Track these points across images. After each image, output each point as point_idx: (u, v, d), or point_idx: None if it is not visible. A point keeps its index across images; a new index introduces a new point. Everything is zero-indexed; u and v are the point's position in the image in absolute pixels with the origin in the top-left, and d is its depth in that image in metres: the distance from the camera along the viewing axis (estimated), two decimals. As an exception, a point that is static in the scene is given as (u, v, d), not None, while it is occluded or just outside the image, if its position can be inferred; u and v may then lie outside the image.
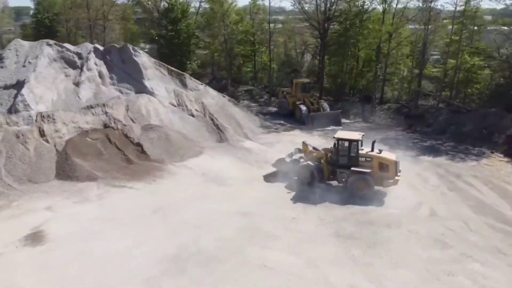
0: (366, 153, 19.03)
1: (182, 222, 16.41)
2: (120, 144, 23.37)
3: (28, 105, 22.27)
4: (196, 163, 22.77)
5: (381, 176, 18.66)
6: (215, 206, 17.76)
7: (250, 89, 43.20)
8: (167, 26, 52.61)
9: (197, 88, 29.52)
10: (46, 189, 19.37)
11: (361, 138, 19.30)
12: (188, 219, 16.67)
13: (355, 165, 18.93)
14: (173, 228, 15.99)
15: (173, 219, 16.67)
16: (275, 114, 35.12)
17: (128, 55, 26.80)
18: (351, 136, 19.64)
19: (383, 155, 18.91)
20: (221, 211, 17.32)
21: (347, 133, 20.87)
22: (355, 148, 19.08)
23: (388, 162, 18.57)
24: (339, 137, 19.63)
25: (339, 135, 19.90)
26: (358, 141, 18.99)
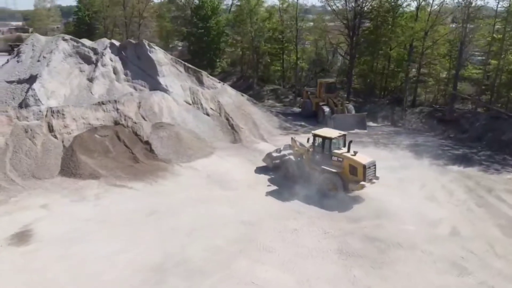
0: (340, 153, 18.21)
1: (174, 228, 15.43)
2: (129, 142, 22.81)
3: (39, 99, 22.15)
4: (203, 164, 21.78)
5: (351, 179, 17.69)
6: (212, 212, 16.66)
7: (276, 88, 41.85)
8: (197, 23, 52.32)
9: (214, 86, 28.57)
10: (47, 186, 19.03)
11: (338, 137, 18.71)
12: (181, 224, 15.67)
13: (327, 163, 18.33)
14: (163, 234, 15.04)
15: (165, 224, 15.73)
16: (298, 115, 33.60)
17: (143, 51, 26.28)
18: (326, 133, 18.96)
19: (353, 157, 17.84)
20: (217, 218, 16.20)
21: (325, 130, 19.93)
22: (328, 146, 18.47)
23: (357, 164, 17.53)
24: (315, 133, 19.18)
25: (316, 131, 19.49)
26: (331, 139, 18.38)
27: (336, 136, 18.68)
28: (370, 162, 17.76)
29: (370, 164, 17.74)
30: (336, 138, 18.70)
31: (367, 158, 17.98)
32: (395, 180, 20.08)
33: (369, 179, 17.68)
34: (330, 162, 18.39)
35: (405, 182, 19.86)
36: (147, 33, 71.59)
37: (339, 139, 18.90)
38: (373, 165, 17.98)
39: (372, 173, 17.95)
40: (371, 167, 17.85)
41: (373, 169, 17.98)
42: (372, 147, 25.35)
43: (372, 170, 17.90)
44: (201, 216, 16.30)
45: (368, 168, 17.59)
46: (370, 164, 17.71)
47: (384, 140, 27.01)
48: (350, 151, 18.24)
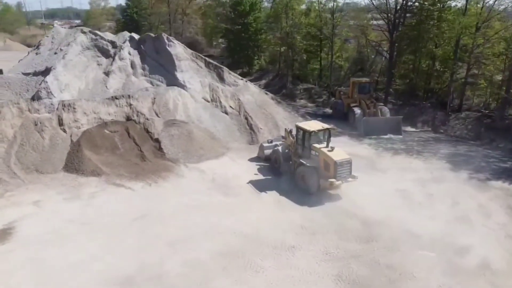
0: (318, 148, 17.45)
1: (158, 236, 14.06)
2: (139, 139, 21.85)
3: (51, 92, 21.76)
4: (211, 166, 20.29)
5: (325, 176, 16.91)
6: (205, 220, 15.09)
7: (310, 87, 39.55)
8: (236, 19, 51.13)
9: (235, 83, 27.02)
10: (47, 181, 18.44)
11: (318, 130, 17.82)
12: (167, 232, 14.27)
13: (306, 156, 17.92)
14: (145, 242, 13.72)
15: (150, 231, 14.41)
16: (329, 117, 31.16)
17: (162, 45, 25.27)
18: (307, 126, 18.16)
19: (328, 152, 17.01)
20: (208, 227, 14.63)
21: (309, 123, 19.19)
22: (307, 139, 17.82)
23: (329, 160, 16.76)
24: (298, 125, 18.63)
25: (299, 123, 18.95)
26: (310, 133, 17.61)
27: (316, 130, 17.76)
28: (343, 159, 16.82)
29: (344, 162, 16.81)
30: (316, 132, 17.79)
31: (342, 155, 17.07)
32: (423, 195, 17.49)
33: (342, 178, 16.81)
34: (309, 156, 17.81)
35: (434, 198, 17.22)
36: (190, 30, 72.10)
37: (319, 133, 17.98)
38: (348, 162, 16.99)
39: (347, 172, 16.98)
40: (345, 165, 16.89)
41: (348, 167, 17.00)
42: (403, 155, 22.63)
43: (346, 168, 16.93)
44: (191, 225, 14.79)
45: (340, 165, 16.67)
46: (343, 162, 16.78)
47: (419, 147, 24.07)
48: (328, 147, 17.38)
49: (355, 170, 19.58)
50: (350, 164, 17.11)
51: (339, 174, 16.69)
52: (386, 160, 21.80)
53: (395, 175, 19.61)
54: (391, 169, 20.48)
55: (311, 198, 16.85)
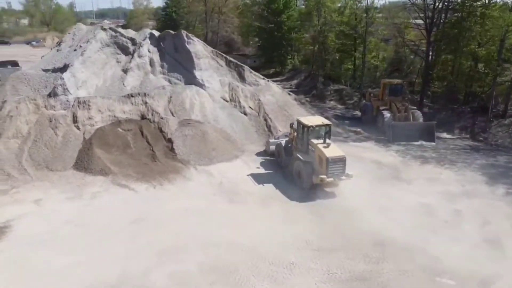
0: (315, 143, 17.11)
1: (149, 243, 13.25)
2: (152, 138, 21.29)
3: (67, 89, 21.66)
4: (222, 169, 19.34)
5: (319, 172, 16.61)
6: (203, 228, 14.13)
7: (341, 88, 37.72)
8: (269, 18, 49.99)
9: (256, 83, 25.93)
10: (54, 179, 18.23)
11: (317, 126, 17.43)
12: (159, 239, 13.44)
13: (304, 151, 17.73)
14: (135, 249, 12.95)
15: (143, 237, 13.64)
16: (358, 120, 29.42)
17: (181, 42, 24.61)
18: (307, 121, 17.94)
19: (323, 148, 16.66)
20: (204, 236, 13.66)
21: (310, 117, 19.26)
22: (306, 134, 17.57)
23: (322, 156, 16.47)
24: (298, 119, 18.44)
25: (300, 118, 18.77)
26: (308, 128, 17.33)
27: (314, 125, 17.43)
28: (336, 156, 16.42)
29: (336, 159, 16.39)
30: (315, 127, 17.43)
31: (335, 152, 16.66)
32: (449, 211, 15.61)
33: (334, 175, 16.41)
34: (307, 151, 17.63)
35: (462, 216, 15.30)
36: (226, 29, 71.79)
37: (319, 128, 17.54)
38: (341, 160, 16.51)
39: (339, 169, 16.53)
40: (338, 162, 16.44)
41: (341, 165, 16.53)
42: (433, 165, 20.60)
43: (339, 166, 16.49)
44: (187, 232, 13.88)
45: (333, 162, 16.28)
46: (336, 159, 16.37)
47: (453, 156, 21.89)
48: (325, 143, 16.99)
49: (375, 179, 18.14)
50: (344, 161, 16.55)
51: (331, 171, 16.30)
52: (413, 170, 19.90)
53: (420, 187, 17.78)
54: (416, 179, 18.62)
55: (322, 212, 15.47)
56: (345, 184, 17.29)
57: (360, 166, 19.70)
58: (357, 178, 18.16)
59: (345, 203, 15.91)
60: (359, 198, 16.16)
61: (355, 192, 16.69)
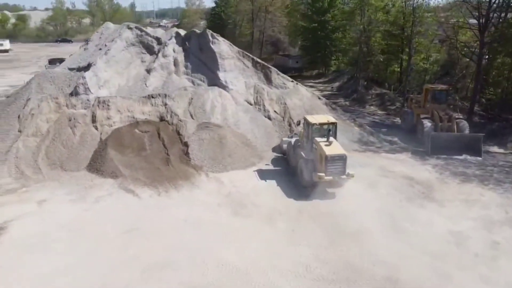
0: (318, 141, 16.83)
1: (137, 256, 12.39)
2: (168, 141, 20.61)
3: (88, 88, 21.55)
4: (234, 177, 18.17)
5: (320, 169, 16.21)
6: (196, 243, 13.04)
7: (383, 93, 35.16)
8: (313, 17, 48.13)
9: (284, 86, 24.46)
10: (65, 179, 18.02)
11: (322, 123, 17.42)
12: (148, 252, 12.55)
13: (308, 149, 17.59)
14: (121, 262, 12.13)
15: (133, 248, 12.80)
16: (397, 128, 27.00)
17: (205, 42, 23.74)
18: (312, 118, 17.90)
19: (324, 146, 16.37)
20: (195, 252, 12.57)
21: (317, 116, 19.06)
22: (310, 132, 17.46)
23: (322, 154, 16.19)
24: (305, 117, 18.42)
25: (307, 115, 18.81)
26: (312, 125, 17.31)
27: (318, 122, 17.46)
28: (336, 154, 16.04)
29: (336, 157, 16.01)
30: (318, 125, 17.43)
31: (336, 150, 16.29)
32: (485, 242, 13.34)
33: (333, 174, 15.98)
34: (310, 149, 17.41)
35: (500, 250, 13.00)
36: (273, 28, 70.59)
37: (323, 126, 17.41)
38: (341, 158, 16.09)
39: (339, 168, 16.10)
40: (337, 161, 16.04)
41: (341, 163, 16.10)
42: (475, 184, 18.03)
43: (338, 164, 16.08)
44: (180, 246, 12.85)
45: (331, 160, 15.91)
46: (335, 157, 15.98)
47: (501, 175, 19.10)
48: (328, 141, 16.66)
49: (402, 198, 16.20)
50: (344, 160, 16.09)
51: (330, 169, 15.93)
52: (449, 189, 17.51)
53: (454, 210, 15.48)
54: (451, 201, 16.28)
55: (332, 233, 13.80)
56: (365, 202, 15.51)
57: (387, 182, 17.78)
58: (380, 195, 16.30)
59: (360, 224, 14.08)
60: (377, 220, 14.32)
61: (374, 212, 14.85)
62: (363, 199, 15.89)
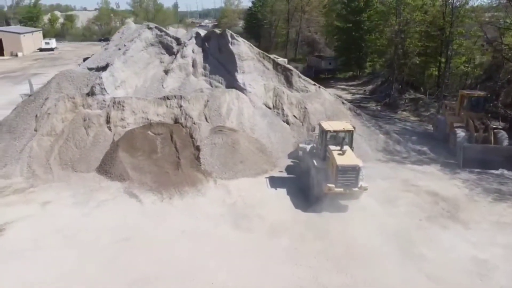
0: (331, 149, 15.74)
1: (124, 269, 11.83)
2: (181, 144, 20.03)
3: (105, 89, 21.38)
4: (243, 185, 17.28)
5: (331, 180, 15.11)
6: (187, 257, 12.26)
7: (418, 97, 32.97)
8: (348, 17, 46.31)
9: (305, 89, 23.25)
10: (74, 181, 17.86)
11: (338, 131, 16.22)
12: (136, 266, 11.94)
13: (321, 157, 16.48)
14: (107, 274, 11.60)
15: (121, 259, 12.25)
16: (429, 136, 25.02)
17: (224, 43, 22.94)
18: (327, 125, 16.72)
19: (336, 155, 15.25)
20: (185, 267, 11.82)
21: (333, 122, 17.70)
22: (324, 139, 16.34)
23: (333, 163, 15.09)
24: (320, 123, 17.24)
25: (322, 122, 17.61)
26: (327, 132, 16.16)
27: (333, 129, 16.23)
28: (347, 164, 14.86)
29: (348, 167, 14.84)
30: (333, 132, 16.20)
31: (349, 160, 15.09)
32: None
33: (344, 185, 14.79)
34: (324, 157, 16.27)
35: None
36: (310, 28, 69.04)
37: (339, 134, 16.26)
38: (353, 169, 14.87)
39: (351, 180, 14.87)
40: (349, 172, 14.85)
41: (353, 174, 14.88)
42: (510, 203, 16.07)
43: (350, 176, 14.88)
44: (170, 260, 12.13)
45: (343, 171, 14.78)
46: (347, 167, 14.83)
47: (542, 194, 17.01)
48: (342, 149, 15.56)
49: (422, 217, 14.60)
50: (357, 171, 14.84)
51: (341, 180, 14.77)
52: (479, 208, 15.71)
53: (482, 234, 13.77)
54: (479, 223, 14.54)
55: (338, 254, 12.59)
56: (379, 220, 14.16)
57: (408, 198, 16.24)
58: (398, 213, 14.86)
59: (370, 246, 12.77)
60: (390, 242, 12.95)
61: (388, 232, 13.47)
62: (377, 217, 14.51)
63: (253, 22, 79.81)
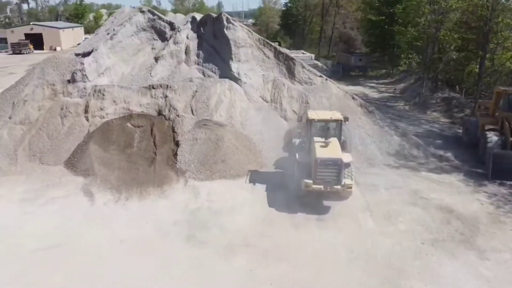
0: (315, 141, 13.69)
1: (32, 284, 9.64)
2: (160, 138, 17.91)
3: (86, 75, 19.63)
4: (216, 189, 14.80)
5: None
6: (106, 277, 9.93)
7: (452, 97, 28.92)
8: (381, 9, 42.50)
9: (309, 81, 20.32)
10: (35, 174, 16.16)
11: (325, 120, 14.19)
12: (44, 281, 9.73)
13: (306, 150, 14.47)
14: None
15: (35, 273, 10.20)
16: (457, 141, 21.34)
17: (220, 27, 20.53)
18: (313, 113, 14.77)
19: (318, 147, 13.26)
20: None
21: (321, 111, 15.48)
22: (309, 129, 14.43)
23: (313, 156, 13.11)
24: (306, 112, 15.55)
25: (310, 110, 15.92)
26: (312, 121, 14.23)
27: (318, 118, 14.20)
28: (328, 158, 12.88)
29: (328, 161, 12.88)
30: (319, 121, 14.20)
31: (331, 153, 13.03)
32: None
33: (324, 182, 12.85)
34: (309, 150, 14.17)
35: None
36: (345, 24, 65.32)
37: (326, 124, 14.20)
38: (335, 164, 12.86)
39: (332, 176, 12.90)
40: (330, 166, 12.86)
41: (334, 170, 12.87)
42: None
43: (331, 171, 12.88)
44: (93, 278, 9.95)
45: (322, 165, 12.84)
46: (327, 161, 12.87)
47: None
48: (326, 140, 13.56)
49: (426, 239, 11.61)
50: (339, 166, 12.80)
51: (320, 176, 12.83)
52: (503, 232, 12.25)
53: (501, 268, 10.44)
54: (501, 252, 11.17)
55: (303, 282, 9.80)
56: (369, 240, 11.25)
57: (414, 213, 13.18)
58: (396, 233, 11.86)
59: (346, 275, 9.88)
60: (375, 270, 9.99)
61: (376, 257, 10.50)
62: (368, 235, 11.60)
63: (288, 19, 77.54)
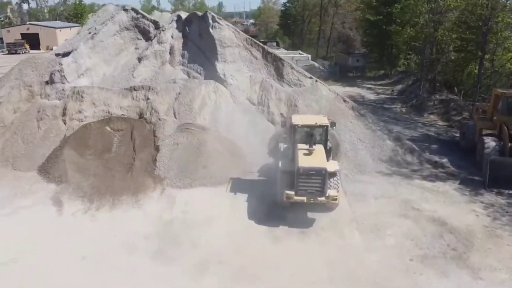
0: (299, 148, 12.79)
1: None
2: (140, 143, 17.04)
3: (64, 76, 18.80)
4: (194, 197, 13.92)
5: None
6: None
7: (450, 99, 27.94)
8: (379, 8, 41.59)
9: (299, 83, 19.39)
10: (6, 181, 15.31)
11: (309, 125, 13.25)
12: None
13: (290, 158, 13.34)
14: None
15: None
16: (454, 145, 20.38)
17: (206, 26, 19.63)
18: (297, 118, 13.71)
19: (301, 155, 12.42)
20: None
21: (306, 116, 14.51)
22: (292, 135, 13.45)
23: (295, 165, 12.16)
24: (291, 116, 14.26)
25: (294, 115, 14.48)
26: (295, 127, 13.22)
27: (302, 124, 13.27)
28: (310, 167, 11.96)
29: (311, 171, 11.95)
30: (303, 127, 13.31)
31: (314, 162, 12.13)
32: None
33: (306, 193, 11.98)
34: (293, 158, 13.11)
35: None
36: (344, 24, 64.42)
37: (312, 130, 13.28)
38: (318, 174, 11.93)
39: (315, 186, 11.96)
40: (313, 176, 11.95)
41: (318, 180, 11.94)
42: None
43: (314, 182, 11.97)
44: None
45: (305, 175, 11.95)
46: (309, 170, 11.95)
47: None
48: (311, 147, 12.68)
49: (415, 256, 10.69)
50: (323, 176, 11.88)
51: (302, 186, 11.99)
52: (500, 247, 11.29)
53: (495, 290, 9.50)
54: (497, 271, 10.22)
55: None
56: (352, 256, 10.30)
57: (403, 226, 12.29)
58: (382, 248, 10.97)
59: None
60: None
61: (357, 275, 9.66)
62: (351, 251, 10.67)
63: (287, 19, 76.92)
